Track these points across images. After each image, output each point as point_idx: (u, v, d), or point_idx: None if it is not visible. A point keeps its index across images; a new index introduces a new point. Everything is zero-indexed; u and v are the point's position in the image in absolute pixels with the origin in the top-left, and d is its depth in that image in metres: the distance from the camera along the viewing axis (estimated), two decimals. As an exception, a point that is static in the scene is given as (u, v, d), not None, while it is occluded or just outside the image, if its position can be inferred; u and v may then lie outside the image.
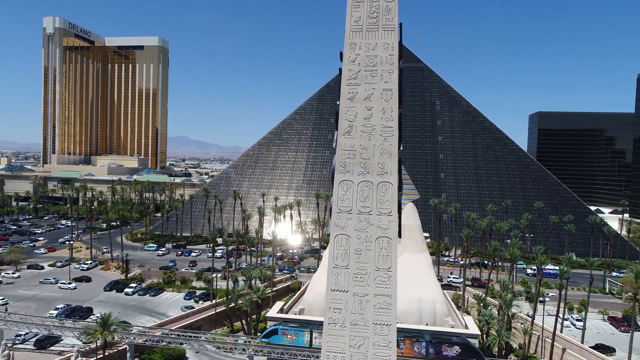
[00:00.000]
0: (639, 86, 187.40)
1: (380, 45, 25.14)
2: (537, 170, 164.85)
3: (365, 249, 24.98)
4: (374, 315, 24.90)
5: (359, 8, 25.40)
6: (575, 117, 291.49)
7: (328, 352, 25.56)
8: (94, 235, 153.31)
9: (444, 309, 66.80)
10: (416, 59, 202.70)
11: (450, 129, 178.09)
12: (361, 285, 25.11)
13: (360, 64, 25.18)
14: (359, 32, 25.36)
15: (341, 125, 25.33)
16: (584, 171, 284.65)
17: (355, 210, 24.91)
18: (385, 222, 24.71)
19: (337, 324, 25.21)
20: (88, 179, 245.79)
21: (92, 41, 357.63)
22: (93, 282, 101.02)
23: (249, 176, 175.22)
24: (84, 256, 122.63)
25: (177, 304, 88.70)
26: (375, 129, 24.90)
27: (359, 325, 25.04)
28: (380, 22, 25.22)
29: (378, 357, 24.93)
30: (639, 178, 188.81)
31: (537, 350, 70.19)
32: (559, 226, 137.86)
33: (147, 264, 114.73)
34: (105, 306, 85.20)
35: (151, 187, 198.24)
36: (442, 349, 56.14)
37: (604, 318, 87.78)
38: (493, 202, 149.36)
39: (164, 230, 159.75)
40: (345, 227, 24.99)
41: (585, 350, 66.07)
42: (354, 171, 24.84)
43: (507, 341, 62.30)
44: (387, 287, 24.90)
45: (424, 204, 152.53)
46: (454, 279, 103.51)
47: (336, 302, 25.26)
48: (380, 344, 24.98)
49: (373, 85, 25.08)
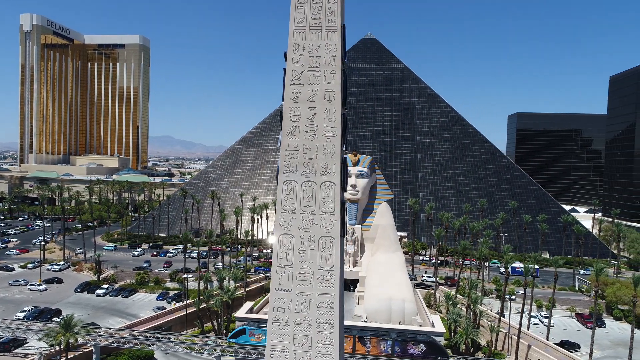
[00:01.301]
0: (611, 88, 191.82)
1: (324, 47, 25.21)
2: (513, 170, 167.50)
3: (308, 249, 25.17)
4: (317, 314, 25.10)
5: (303, 9, 25.48)
6: (553, 118, 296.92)
7: (272, 351, 25.73)
8: (71, 236, 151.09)
9: (414, 308, 67.51)
10: (396, 59, 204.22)
11: (428, 129, 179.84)
12: (305, 284, 25.29)
13: (303, 65, 25.24)
14: (303, 33, 25.43)
15: (285, 125, 25.49)
16: (561, 171, 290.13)
17: (299, 210, 25.07)
18: (328, 222, 24.94)
19: (280, 323, 25.36)
20: (65, 178, 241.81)
21: (71, 39, 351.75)
22: (64, 284, 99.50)
23: (228, 176, 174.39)
24: (57, 257, 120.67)
25: (149, 305, 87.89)
26: (319, 129, 25.04)
27: (302, 324, 25.21)
28: (323, 23, 25.29)
29: (321, 355, 25.17)
30: (611, 178, 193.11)
31: (505, 348, 71.35)
32: (534, 225, 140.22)
33: (121, 265, 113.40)
34: (75, 308, 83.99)
35: (130, 187, 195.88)
36: (408, 347, 56.76)
37: (572, 315, 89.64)
38: (469, 202, 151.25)
39: (141, 230, 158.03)
40: (289, 226, 25.16)
41: (550, 347, 67.41)
42: (297, 171, 24.99)
43: (473, 339, 63.16)
44: (330, 286, 25.13)
45: (402, 204, 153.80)
46: (428, 278, 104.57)
47: (280, 301, 25.38)
48: (323, 342, 25.21)
49: (316, 86, 25.15)
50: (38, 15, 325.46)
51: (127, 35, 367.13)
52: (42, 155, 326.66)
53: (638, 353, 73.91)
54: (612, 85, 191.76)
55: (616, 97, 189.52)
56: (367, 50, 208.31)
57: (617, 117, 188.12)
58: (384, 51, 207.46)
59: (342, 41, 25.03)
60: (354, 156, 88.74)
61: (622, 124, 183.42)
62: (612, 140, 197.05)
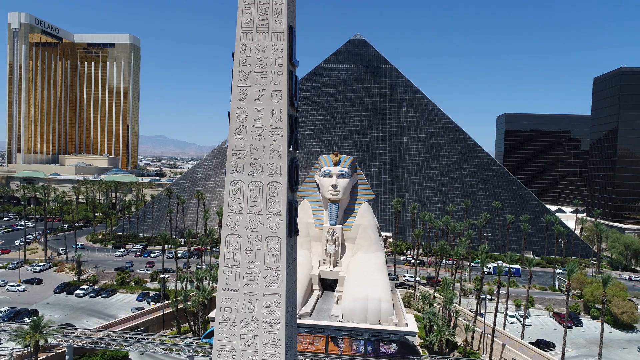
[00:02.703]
0: (595, 89, 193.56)
1: (270, 47, 25.23)
2: (498, 171, 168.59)
3: (255, 249, 25.26)
4: (263, 314, 25.19)
5: (250, 10, 25.49)
6: (541, 118, 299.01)
7: (219, 350, 25.78)
8: (56, 237, 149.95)
9: (390, 308, 67.69)
10: (384, 60, 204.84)
11: (415, 129, 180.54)
12: (251, 284, 25.35)
13: (250, 65, 25.26)
14: (250, 33, 25.41)
15: (232, 125, 25.54)
16: (549, 171, 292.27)
17: (246, 210, 25.15)
18: (274, 222, 25.05)
19: (227, 323, 25.41)
20: (53, 178, 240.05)
21: (61, 38, 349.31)
22: (44, 284, 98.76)
23: (214, 176, 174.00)
24: (39, 258, 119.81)
25: (129, 305, 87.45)
26: (265, 129, 25.11)
27: (249, 324, 25.29)
28: (270, 24, 25.31)
29: (268, 355, 25.26)
30: (595, 179, 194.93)
31: (481, 347, 71.79)
32: (517, 225, 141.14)
33: (103, 265, 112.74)
34: (53, 308, 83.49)
35: (117, 187, 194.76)
36: (380, 347, 56.98)
37: (550, 314, 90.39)
38: (455, 202, 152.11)
39: (126, 231, 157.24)
40: (236, 226, 25.24)
41: (524, 346, 67.95)
42: (244, 171, 25.05)
43: (447, 338, 63.49)
44: (276, 285, 25.22)
45: (388, 204, 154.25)
46: (410, 278, 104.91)
47: (227, 301, 25.46)
48: (269, 342, 25.31)
49: (263, 87, 25.19)
50: (26, 14, 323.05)
51: (117, 35, 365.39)
52: (30, 155, 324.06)
53: (612, 351, 74.91)
54: (596, 86, 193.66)
55: (599, 99, 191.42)
56: (355, 50, 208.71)
57: (601, 119, 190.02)
58: (372, 52, 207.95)
59: (289, 42, 25.07)
60: (335, 156, 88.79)
61: (605, 125, 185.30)
62: (595, 141, 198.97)
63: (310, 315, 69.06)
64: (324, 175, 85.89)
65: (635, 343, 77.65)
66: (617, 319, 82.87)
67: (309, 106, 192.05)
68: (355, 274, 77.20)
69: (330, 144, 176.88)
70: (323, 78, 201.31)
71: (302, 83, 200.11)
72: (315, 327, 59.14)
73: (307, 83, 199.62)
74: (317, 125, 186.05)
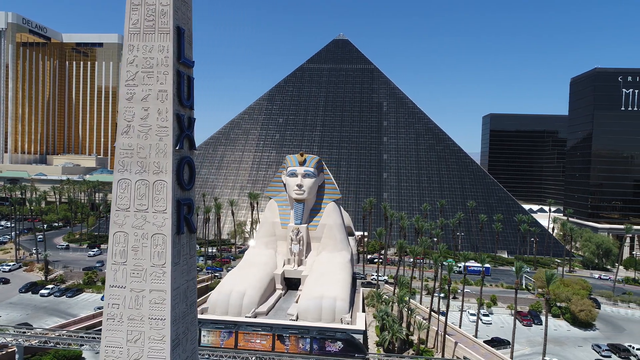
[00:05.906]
0: (572, 90, 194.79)
1: (157, 48, 25.60)
2: (476, 171, 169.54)
3: (141, 246, 25.63)
4: (149, 310, 25.56)
5: (137, 11, 25.82)
6: (525, 119, 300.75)
7: (107, 347, 26.12)
8: (33, 237, 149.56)
9: (344, 306, 67.98)
10: (367, 60, 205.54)
11: (395, 130, 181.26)
12: (138, 281, 25.72)
13: (138, 66, 25.61)
14: (137, 34, 25.75)
15: (120, 125, 25.97)
16: (534, 171, 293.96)
17: (133, 208, 25.51)
18: (160, 220, 25.44)
19: (115, 319, 25.76)
20: (37, 178, 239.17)
21: (49, 37, 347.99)
22: (11, 284, 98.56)
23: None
24: (10, 257, 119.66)
25: (93, 304, 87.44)
26: (152, 129, 25.48)
27: (135, 320, 25.66)
28: (156, 25, 25.67)
29: (153, 350, 25.66)
30: (571, 178, 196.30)
31: (436, 345, 72.39)
32: (492, 225, 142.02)
33: (73, 265, 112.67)
34: (15, 308, 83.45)
35: (100, 187, 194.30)
36: (326, 345, 57.44)
37: (511, 312, 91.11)
38: (432, 202, 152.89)
39: (103, 231, 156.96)
40: (124, 224, 25.57)
41: (477, 344, 68.62)
42: (131, 170, 25.40)
43: (397, 336, 64.01)
44: (162, 282, 25.61)
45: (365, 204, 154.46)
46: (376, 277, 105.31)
47: (115, 297, 25.82)
48: (155, 338, 25.70)
49: (150, 87, 25.55)
50: (13, 14, 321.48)
51: (105, 35, 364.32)
52: (18, 155, 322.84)
53: (567, 349, 75.76)
54: (572, 87, 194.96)
55: (576, 99, 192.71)
56: (338, 50, 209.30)
57: (577, 119, 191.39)
58: (355, 52, 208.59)
59: (176, 43, 25.49)
60: (301, 156, 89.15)
61: (581, 125, 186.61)
62: (572, 142, 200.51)
63: (267, 314, 69.43)
64: (290, 175, 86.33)
65: (592, 341, 78.56)
66: (576, 317, 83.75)
67: (290, 106, 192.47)
68: (316, 273, 77.61)
69: (310, 144, 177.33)
70: (305, 78, 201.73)
71: (284, 83, 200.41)
72: (263, 326, 59.55)
73: (289, 83, 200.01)
74: (298, 126, 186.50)
